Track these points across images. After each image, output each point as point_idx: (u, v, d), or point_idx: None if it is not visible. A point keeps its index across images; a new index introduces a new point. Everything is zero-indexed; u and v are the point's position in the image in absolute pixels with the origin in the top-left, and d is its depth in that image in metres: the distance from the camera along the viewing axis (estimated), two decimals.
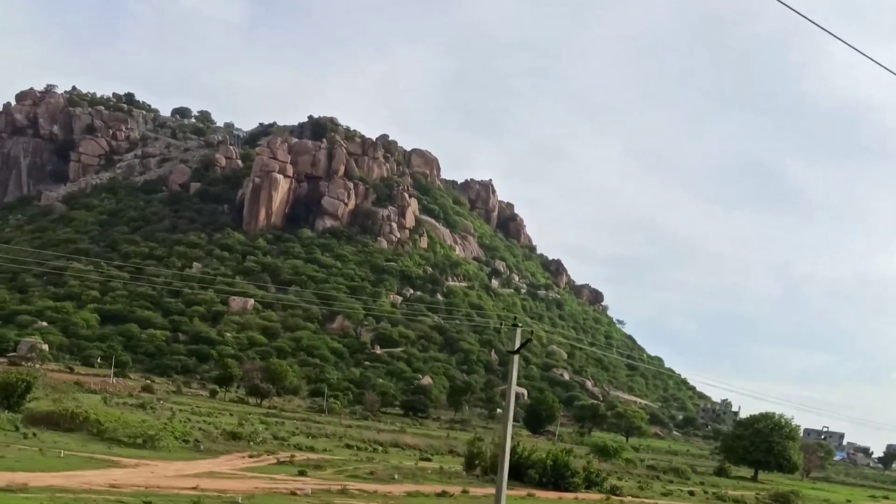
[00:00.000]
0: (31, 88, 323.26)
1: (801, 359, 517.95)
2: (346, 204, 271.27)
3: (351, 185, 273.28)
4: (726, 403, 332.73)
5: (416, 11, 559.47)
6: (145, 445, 53.60)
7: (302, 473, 50.40)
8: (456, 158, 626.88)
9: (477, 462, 64.66)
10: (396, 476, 55.93)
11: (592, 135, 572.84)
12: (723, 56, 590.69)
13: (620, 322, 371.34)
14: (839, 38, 15.63)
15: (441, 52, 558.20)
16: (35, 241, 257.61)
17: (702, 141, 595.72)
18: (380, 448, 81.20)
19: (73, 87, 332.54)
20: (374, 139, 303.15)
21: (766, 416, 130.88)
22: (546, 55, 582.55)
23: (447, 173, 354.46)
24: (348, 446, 78.64)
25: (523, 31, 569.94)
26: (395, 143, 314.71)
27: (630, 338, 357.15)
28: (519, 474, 59.05)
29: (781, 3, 13.57)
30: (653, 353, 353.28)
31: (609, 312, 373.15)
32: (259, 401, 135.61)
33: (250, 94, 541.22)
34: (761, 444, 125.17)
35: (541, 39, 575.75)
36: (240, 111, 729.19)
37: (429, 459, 75.57)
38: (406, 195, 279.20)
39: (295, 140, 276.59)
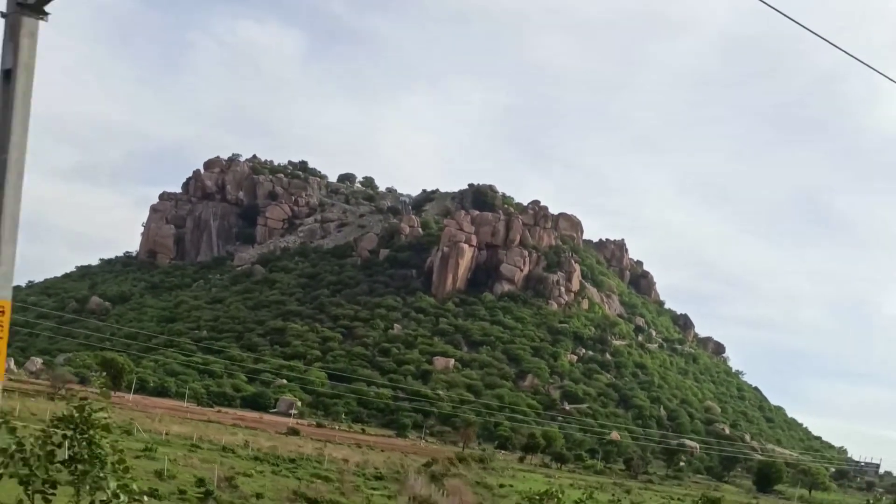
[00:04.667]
0: (218, 157, 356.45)
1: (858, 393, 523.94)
2: (521, 270, 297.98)
3: (526, 252, 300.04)
4: (842, 451, 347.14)
5: (475, 49, 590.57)
6: None
7: None
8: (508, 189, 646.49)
9: None
10: None
11: (645, 168, 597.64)
12: (778, 90, 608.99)
13: (739, 372, 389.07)
14: (888, 77, 15.66)
15: (496, 88, 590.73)
16: (247, 301, 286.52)
17: (755, 174, 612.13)
18: None
19: (254, 156, 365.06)
20: (526, 204, 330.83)
21: None
22: (601, 89, 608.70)
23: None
24: None
25: (579, 65, 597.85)
26: (545, 207, 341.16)
27: (756, 389, 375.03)
28: None
29: (834, 45, 13.68)
30: (775, 403, 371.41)
31: (729, 363, 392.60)
32: (560, 465, 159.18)
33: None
34: None
35: (596, 72, 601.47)
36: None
37: None
38: (573, 261, 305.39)
39: (477, 212, 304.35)
